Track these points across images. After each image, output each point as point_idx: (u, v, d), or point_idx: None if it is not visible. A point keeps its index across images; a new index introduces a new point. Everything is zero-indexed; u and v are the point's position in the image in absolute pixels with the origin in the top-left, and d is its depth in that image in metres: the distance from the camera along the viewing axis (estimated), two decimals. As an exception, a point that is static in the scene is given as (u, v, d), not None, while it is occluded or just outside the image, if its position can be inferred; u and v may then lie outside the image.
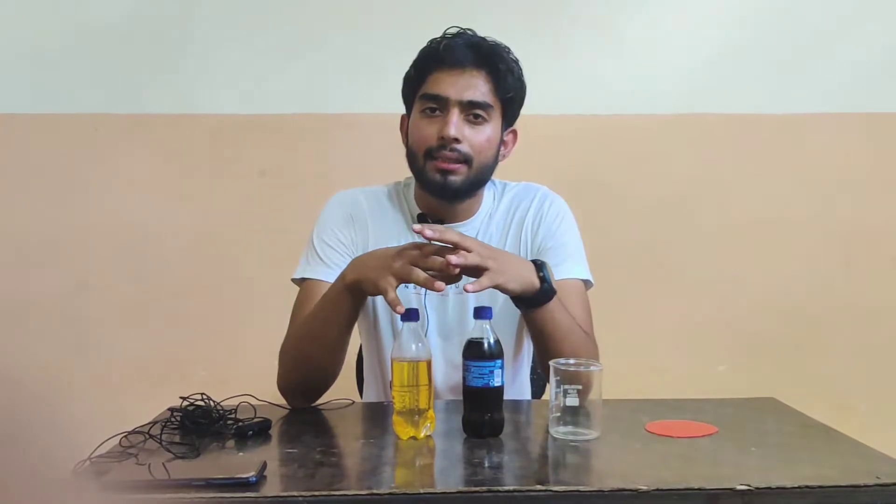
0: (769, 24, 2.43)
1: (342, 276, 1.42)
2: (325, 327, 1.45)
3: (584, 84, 2.42)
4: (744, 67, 2.42)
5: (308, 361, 1.46)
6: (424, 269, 1.31)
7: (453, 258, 1.29)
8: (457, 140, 1.48)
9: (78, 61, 2.37)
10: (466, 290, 1.32)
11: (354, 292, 1.40)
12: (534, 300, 1.40)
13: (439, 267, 1.30)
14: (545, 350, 1.45)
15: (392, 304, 1.30)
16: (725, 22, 2.42)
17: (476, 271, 1.32)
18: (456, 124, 1.48)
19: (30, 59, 2.38)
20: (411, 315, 1.27)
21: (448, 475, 1.15)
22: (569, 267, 1.56)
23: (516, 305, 1.44)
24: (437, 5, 2.34)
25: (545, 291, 1.39)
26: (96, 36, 2.37)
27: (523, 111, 1.60)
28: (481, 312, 1.28)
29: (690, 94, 2.42)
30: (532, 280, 1.38)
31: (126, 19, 2.37)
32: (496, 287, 1.35)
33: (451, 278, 1.32)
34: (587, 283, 1.58)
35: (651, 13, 2.42)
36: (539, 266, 1.40)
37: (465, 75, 1.50)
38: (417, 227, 1.32)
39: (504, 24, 2.31)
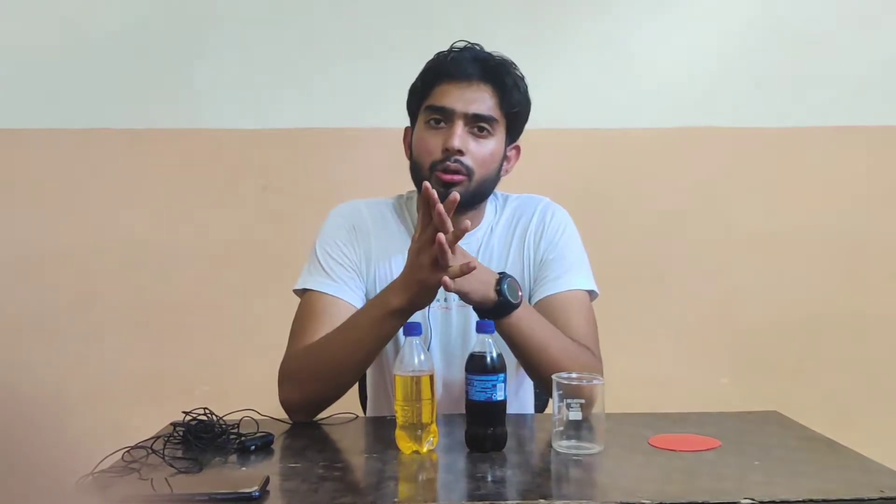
0: (770, 38, 2.44)
1: (385, 303, 1.39)
2: (358, 349, 1.43)
3: (587, 98, 2.43)
4: (744, 82, 2.43)
5: (331, 380, 1.45)
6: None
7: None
8: (460, 152, 1.48)
9: (81, 77, 2.39)
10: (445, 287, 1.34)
11: (403, 314, 1.39)
12: (490, 312, 1.38)
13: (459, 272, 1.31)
14: (523, 363, 1.48)
15: (446, 286, 1.32)
16: (726, 37, 2.44)
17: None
18: (460, 136, 1.48)
19: (33, 75, 2.39)
20: (414, 329, 1.27)
21: (451, 489, 1.15)
22: (571, 278, 1.55)
23: (478, 314, 1.41)
24: (441, 21, 2.36)
25: (501, 305, 1.38)
26: (100, 52, 2.38)
27: (527, 125, 1.61)
28: (483, 326, 1.28)
29: (691, 108, 2.43)
30: (488, 293, 1.37)
31: (130, 35, 2.39)
32: (457, 293, 1.36)
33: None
34: (592, 294, 1.57)
35: (653, 28, 2.43)
36: (499, 280, 1.39)
37: (471, 88, 1.50)
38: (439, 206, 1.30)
39: (508, 39, 2.32)
